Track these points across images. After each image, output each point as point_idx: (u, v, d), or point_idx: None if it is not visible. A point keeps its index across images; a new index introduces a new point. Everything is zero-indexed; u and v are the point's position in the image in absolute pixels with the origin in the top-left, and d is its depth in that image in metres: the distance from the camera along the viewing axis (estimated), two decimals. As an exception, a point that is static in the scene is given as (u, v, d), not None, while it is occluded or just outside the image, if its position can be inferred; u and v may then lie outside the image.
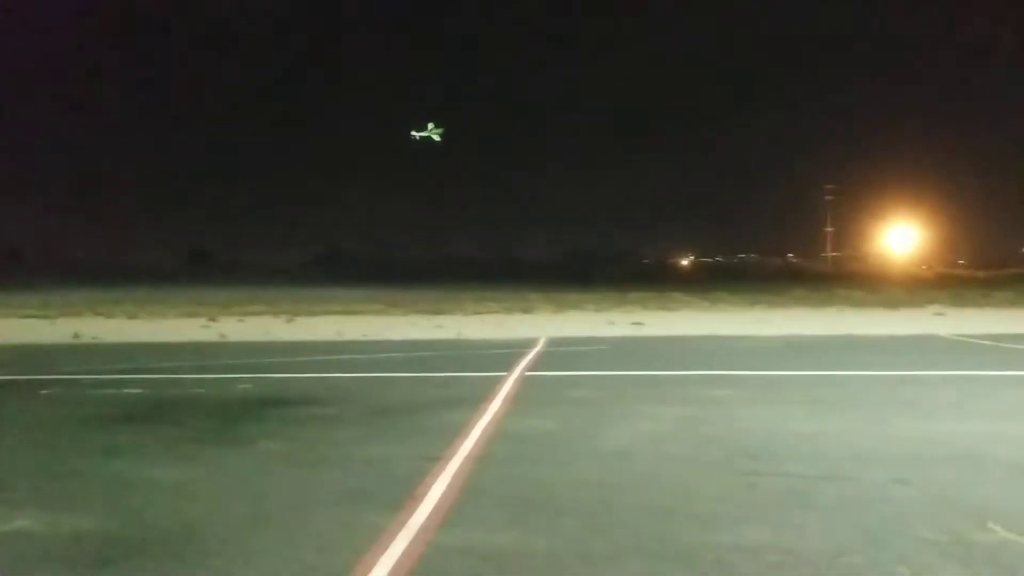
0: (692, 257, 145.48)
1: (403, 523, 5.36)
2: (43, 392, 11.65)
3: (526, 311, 31.65)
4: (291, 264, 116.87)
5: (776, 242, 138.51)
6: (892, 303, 34.35)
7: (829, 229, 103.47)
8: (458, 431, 8.40)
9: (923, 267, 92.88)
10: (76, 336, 22.05)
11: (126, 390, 11.70)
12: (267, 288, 59.80)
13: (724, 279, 71.92)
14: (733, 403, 10.11)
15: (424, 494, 6.09)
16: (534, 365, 14.54)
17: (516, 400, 10.59)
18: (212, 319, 28.71)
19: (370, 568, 4.61)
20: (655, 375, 13.16)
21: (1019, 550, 4.80)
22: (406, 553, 4.82)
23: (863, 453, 7.28)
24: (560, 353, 16.78)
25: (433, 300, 37.80)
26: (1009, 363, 14.23)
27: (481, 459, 7.24)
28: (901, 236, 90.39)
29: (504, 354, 16.28)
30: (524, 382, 12.34)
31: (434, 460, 7.12)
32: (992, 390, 11.10)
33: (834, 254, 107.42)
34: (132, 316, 30.77)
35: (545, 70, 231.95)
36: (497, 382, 12.10)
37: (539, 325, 24.72)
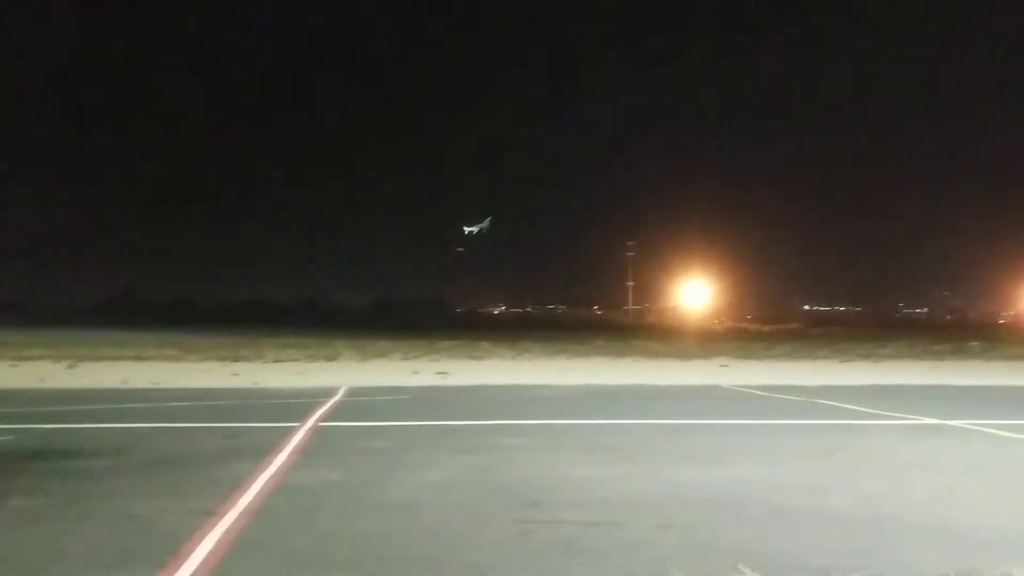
0: (503, 307, 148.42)
1: (161, 583, 5.08)
2: None
3: (330, 359, 31.04)
4: (80, 305, 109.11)
5: (585, 294, 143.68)
6: (683, 354, 36.25)
7: (630, 283, 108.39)
8: (238, 484, 8.09)
9: (715, 321, 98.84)
10: None
11: None
12: (51, 330, 55.49)
13: (533, 329, 73.58)
14: (522, 451, 10.30)
15: (191, 551, 5.81)
16: (330, 415, 14.26)
17: (305, 451, 10.32)
18: (-19, 364, 26.29)
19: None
20: (451, 425, 13.22)
21: (762, 588, 5.15)
22: (159, 615, 4.56)
23: (635, 499, 7.59)
24: (358, 403, 16.55)
25: (232, 346, 36.36)
26: (780, 412, 15.28)
27: (259, 513, 6.99)
28: (695, 291, 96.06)
29: (300, 404, 15.87)
30: (316, 433, 12.06)
31: (208, 515, 6.80)
32: (762, 438, 11.89)
33: (634, 307, 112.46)
34: None
35: (366, 115, 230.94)
36: (288, 433, 11.76)
37: (341, 374, 24.29)
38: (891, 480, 8.65)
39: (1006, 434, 12.10)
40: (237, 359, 30.12)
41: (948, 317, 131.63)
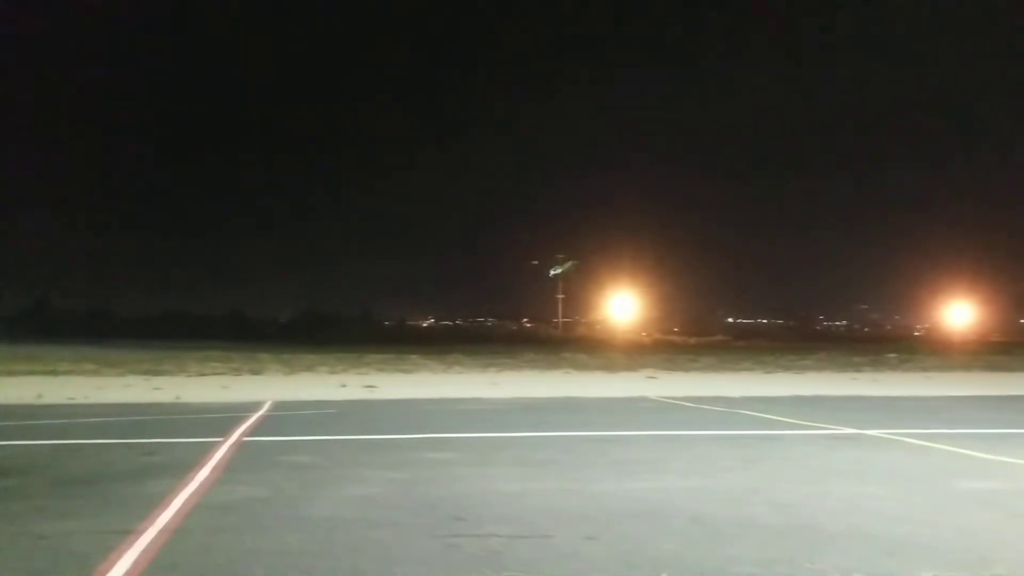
0: (432, 320, 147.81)
1: (72, 606, 4.91)
2: None
3: (255, 373, 30.50)
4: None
5: (515, 308, 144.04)
6: (611, 367, 36.61)
7: (560, 296, 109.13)
8: (157, 502, 7.88)
9: (642, 334, 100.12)
10: None
11: None
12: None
13: (462, 342, 73.46)
14: (450, 466, 10.26)
15: (105, 572, 5.64)
16: (254, 430, 14.00)
17: (228, 467, 10.11)
18: None
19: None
20: (378, 439, 13.10)
21: (684, 598, 5.21)
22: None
23: (562, 511, 7.63)
24: (284, 417, 16.28)
25: (154, 360, 35.45)
26: (705, 423, 15.54)
27: (178, 531, 6.82)
28: (623, 305, 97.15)
29: (223, 418, 15.55)
30: (240, 448, 11.83)
31: (123, 534, 6.61)
32: (687, 448, 12.06)
33: (564, 320, 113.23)
34: None
35: (278, 111, 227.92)
36: (211, 448, 11.51)
37: (267, 388, 23.88)
38: (810, 489, 8.86)
39: (920, 443, 12.51)
40: (159, 373, 29.39)
41: (866, 330, 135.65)
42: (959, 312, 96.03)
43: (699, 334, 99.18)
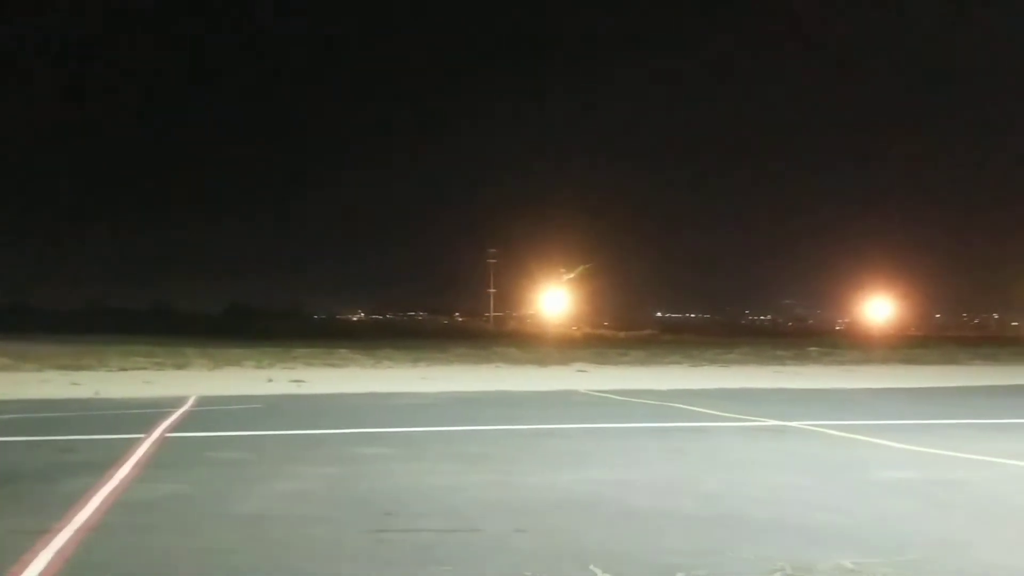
0: (362, 314, 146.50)
1: (-18, 609, 4.72)
2: None
3: (179, 367, 29.80)
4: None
5: (446, 302, 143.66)
6: (542, 361, 36.76)
7: (491, 290, 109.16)
8: (75, 500, 7.63)
9: (573, 328, 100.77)
10: None
11: None
12: None
13: (392, 336, 72.93)
14: (379, 460, 10.18)
15: (18, 574, 5.43)
16: (178, 426, 13.69)
17: (149, 464, 9.87)
18: None
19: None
20: (306, 434, 12.93)
21: (612, 589, 5.26)
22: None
23: (492, 505, 7.63)
24: (209, 412, 15.96)
25: (73, 354, 34.29)
26: (634, 416, 15.72)
27: (96, 530, 6.62)
28: (554, 299, 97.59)
29: (146, 414, 15.17)
30: (163, 444, 11.56)
31: (38, 534, 6.38)
32: (615, 441, 12.19)
33: (496, 314, 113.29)
34: None
35: (213, 113, 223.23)
36: (132, 445, 11.22)
37: (192, 383, 23.35)
38: (734, 479, 9.03)
39: (840, 434, 12.86)
40: (78, 368, 28.48)
41: (790, 324, 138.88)
42: (879, 307, 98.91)
43: (629, 328, 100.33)
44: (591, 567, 5.64)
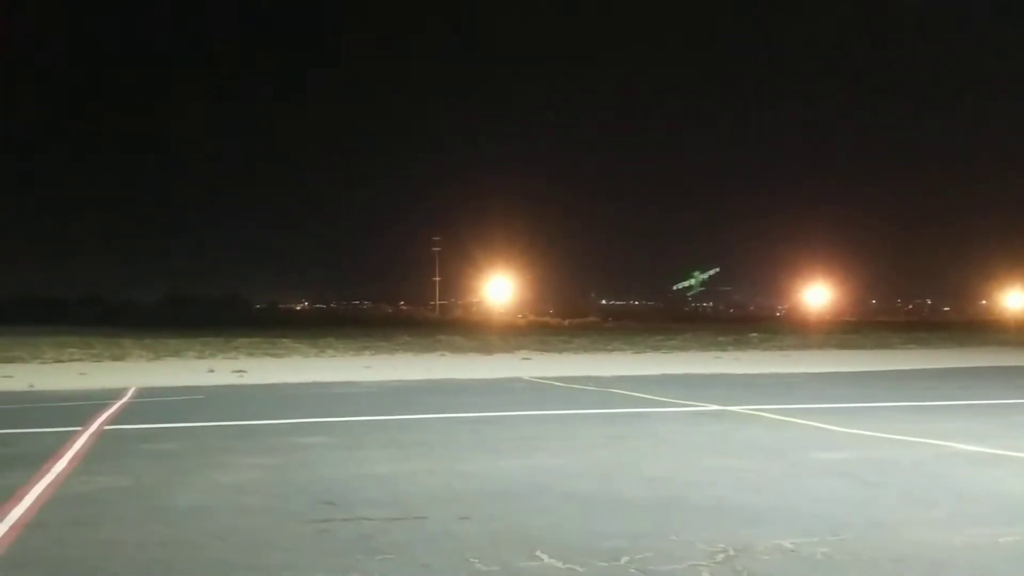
0: (305, 303, 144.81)
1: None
2: None
3: (117, 359, 29.19)
4: None
5: (390, 290, 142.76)
6: (487, 349, 36.83)
7: (436, 279, 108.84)
8: (7, 495, 7.45)
9: (517, 316, 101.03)
10: None
11: None
12: None
13: (336, 325, 72.32)
14: (321, 450, 10.11)
15: (-52, 572, 5.29)
16: (116, 418, 13.41)
17: (87, 457, 9.66)
18: None
19: None
20: (248, 424, 12.77)
21: (557, 574, 5.30)
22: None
23: (436, 493, 7.63)
24: (148, 404, 15.67)
25: (4, 346, 33.37)
26: (577, 402, 15.84)
27: (32, 526, 6.47)
28: (499, 287, 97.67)
29: (83, 406, 14.83)
30: (101, 437, 11.32)
31: (-31, 531, 6.21)
32: (559, 427, 12.27)
33: (441, 303, 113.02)
34: None
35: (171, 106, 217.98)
36: (68, 438, 10.97)
37: (130, 374, 22.90)
38: (676, 463, 9.16)
39: (779, 418, 13.13)
40: (10, 360, 27.69)
41: (731, 311, 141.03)
42: (816, 294, 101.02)
43: (573, 316, 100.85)
44: (537, 553, 5.68)
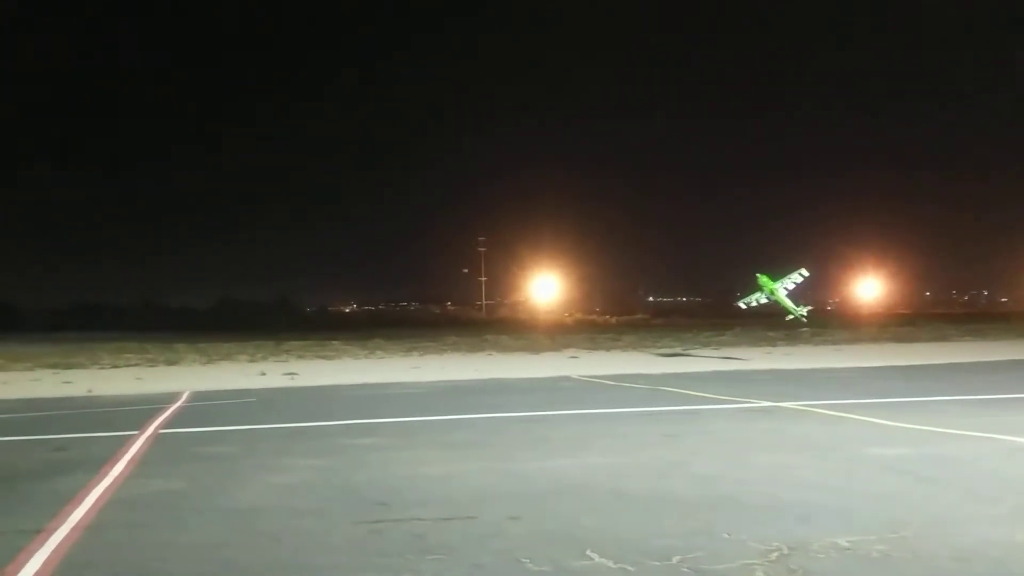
0: (354, 305, 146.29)
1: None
2: None
3: (171, 363, 29.75)
4: None
5: (438, 291, 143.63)
6: (535, 348, 36.83)
7: (482, 279, 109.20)
8: (69, 498, 7.63)
9: (564, 314, 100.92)
10: None
11: None
12: None
13: (384, 326, 72.95)
14: (372, 451, 10.18)
15: (14, 574, 5.42)
16: (171, 422, 13.66)
17: (143, 461, 9.85)
18: None
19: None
20: (299, 427, 12.91)
21: (608, 574, 5.27)
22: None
23: (486, 493, 7.64)
24: (202, 408, 15.93)
25: (64, 353, 34.24)
26: (627, 401, 15.75)
27: (92, 528, 6.61)
28: (545, 285, 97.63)
29: (139, 411, 15.14)
30: (156, 440, 11.53)
31: (34, 533, 6.38)
32: (608, 426, 12.21)
33: (487, 302, 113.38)
34: None
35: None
36: (126, 442, 11.20)
37: (184, 378, 23.32)
38: (728, 462, 9.06)
39: (832, 413, 12.91)
40: (70, 366, 28.41)
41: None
42: (868, 287, 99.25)
43: (620, 313, 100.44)
44: (588, 552, 5.66)
